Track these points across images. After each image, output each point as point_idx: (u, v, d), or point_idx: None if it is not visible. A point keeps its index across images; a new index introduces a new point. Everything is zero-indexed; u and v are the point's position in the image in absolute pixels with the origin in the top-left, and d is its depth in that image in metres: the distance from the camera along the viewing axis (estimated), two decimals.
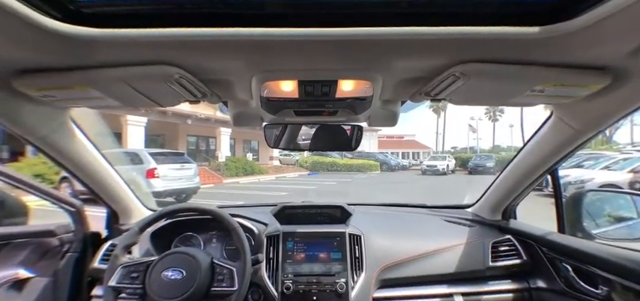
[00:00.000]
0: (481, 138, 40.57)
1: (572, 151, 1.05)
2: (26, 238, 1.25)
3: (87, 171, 1.18)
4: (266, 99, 0.83)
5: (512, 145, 37.46)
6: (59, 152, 1.05)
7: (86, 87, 0.71)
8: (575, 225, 1.27)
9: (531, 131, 1.17)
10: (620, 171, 8.36)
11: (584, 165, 9.46)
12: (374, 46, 0.61)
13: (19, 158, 9.63)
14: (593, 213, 1.34)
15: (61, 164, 1.11)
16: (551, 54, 0.62)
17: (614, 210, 1.42)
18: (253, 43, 0.59)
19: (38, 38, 0.56)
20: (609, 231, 1.31)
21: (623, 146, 19.14)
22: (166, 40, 0.59)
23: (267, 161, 20.41)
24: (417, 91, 0.82)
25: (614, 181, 7.88)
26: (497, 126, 41.44)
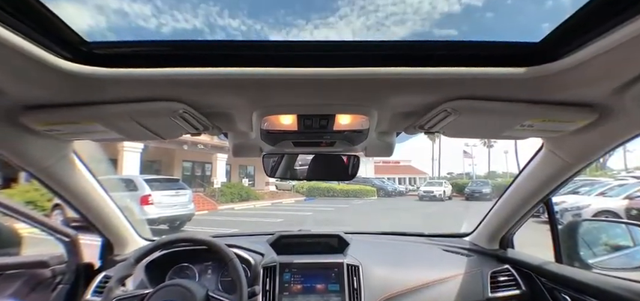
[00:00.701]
0: (476, 164, 40.84)
1: (564, 182, 1.07)
2: (18, 269, 1.22)
3: (85, 201, 1.17)
4: (266, 132, 0.85)
5: (508, 171, 37.70)
6: (59, 183, 1.05)
7: (92, 122, 0.73)
8: (572, 254, 1.27)
9: (526, 157, 1.20)
10: (616, 197, 8.36)
11: (580, 191, 9.50)
12: (369, 84, 0.64)
13: (12, 184, 9.48)
14: (589, 241, 1.35)
15: (59, 194, 1.10)
16: (538, 92, 0.65)
17: (611, 239, 1.43)
18: (255, 81, 0.63)
19: (50, 77, 0.59)
20: (606, 260, 1.31)
21: (617, 172, 19.39)
22: (173, 78, 0.62)
23: (263, 186, 20.23)
24: (411, 124, 0.85)
25: (610, 208, 7.88)
26: (492, 152, 41.86)
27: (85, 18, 3.29)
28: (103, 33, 7.46)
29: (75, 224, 1.46)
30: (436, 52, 0.62)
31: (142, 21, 8.43)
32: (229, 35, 12.28)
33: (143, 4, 8.19)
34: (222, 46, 0.63)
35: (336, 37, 5.25)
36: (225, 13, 12.01)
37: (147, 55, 0.62)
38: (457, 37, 3.67)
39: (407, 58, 0.61)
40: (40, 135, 0.81)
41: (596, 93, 0.65)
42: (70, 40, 0.58)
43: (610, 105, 0.68)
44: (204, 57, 0.62)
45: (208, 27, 11.84)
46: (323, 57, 0.61)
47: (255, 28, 12.59)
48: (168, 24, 10.60)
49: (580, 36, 0.53)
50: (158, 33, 9.60)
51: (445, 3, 14.14)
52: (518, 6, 16.42)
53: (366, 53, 0.63)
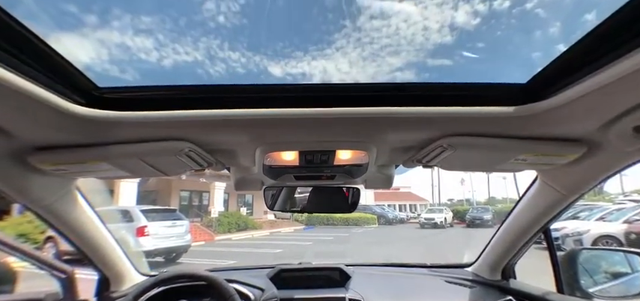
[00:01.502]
0: (476, 190, 40.65)
1: (560, 212, 1.09)
2: None
3: (84, 236, 1.17)
4: (268, 167, 0.88)
5: (508, 197, 37.45)
6: (59, 219, 1.05)
7: (99, 162, 0.75)
8: (573, 283, 1.26)
9: (524, 181, 1.22)
10: (615, 221, 8.35)
11: (580, 216, 9.46)
12: (368, 123, 0.68)
13: (4, 216, 9.29)
14: (589, 269, 1.35)
15: (58, 229, 1.10)
16: (528, 129, 0.69)
17: (610, 267, 1.43)
18: (259, 121, 0.66)
19: (62, 121, 0.61)
20: (606, 289, 1.30)
21: (615, 196, 19.34)
22: (180, 120, 0.66)
23: (261, 215, 19.93)
24: (409, 158, 0.89)
25: (610, 232, 7.84)
26: (491, 177, 41.80)
27: (87, 51, 3.38)
28: (105, 66, 7.62)
29: (68, 257, 1.44)
30: (430, 92, 0.67)
31: (143, 54, 8.67)
32: (229, 67, 12.72)
33: (145, 37, 8.48)
34: (227, 89, 0.67)
35: (333, 68, 5.38)
36: (226, 45, 12.55)
37: (155, 99, 0.66)
38: (450, 66, 3.78)
39: (403, 98, 0.66)
40: (45, 173, 0.82)
41: (583, 130, 0.69)
42: (83, 87, 0.62)
43: (597, 140, 0.72)
44: (210, 99, 0.65)
45: (209, 59, 12.32)
46: (324, 97, 0.66)
47: (254, 60, 13.14)
48: (169, 57, 10.99)
49: (565, 78, 0.57)
50: (160, 66, 9.88)
51: (438, 35, 14.92)
52: (508, 37, 17.13)
53: (364, 94, 0.67)
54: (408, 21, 3.75)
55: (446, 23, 3.84)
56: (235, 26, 4.01)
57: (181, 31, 3.91)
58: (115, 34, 3.97)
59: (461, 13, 3.52)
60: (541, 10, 4.27)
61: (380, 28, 4.06)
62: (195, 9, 3.89)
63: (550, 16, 4.40)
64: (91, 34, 2.89)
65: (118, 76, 3.49)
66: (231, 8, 3.76)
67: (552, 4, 3.91)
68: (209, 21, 4.12)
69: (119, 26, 4.51)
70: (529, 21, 9.77)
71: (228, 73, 4.36)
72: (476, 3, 3.43)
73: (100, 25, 2.92)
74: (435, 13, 3.57)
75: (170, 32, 3.63)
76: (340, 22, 3.69)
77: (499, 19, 4.07)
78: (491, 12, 3.70)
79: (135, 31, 3.80)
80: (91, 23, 3.04)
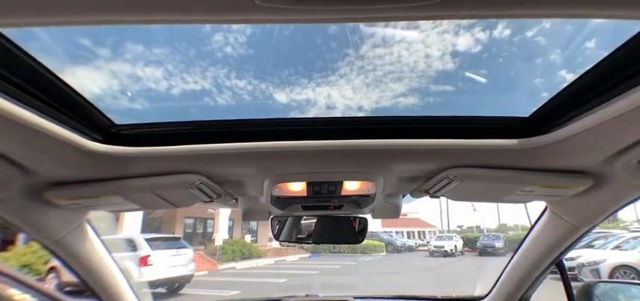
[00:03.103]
0: (486, 217, 39.60)
1: (572, 244, 1.05)
2: None
3: (92, 270, 1.16)
4: (276, 197, 0.89)
5: (519, 224, 36.34)
6: (70, 252, 1.05)
7: (112, 196, 0.77)
8: None
9: (534, 209, 1.18)
10: (632, 250, 7.99)
11: (595, 245, 9.08)
12: (374, 154, 0.70)
13: (9, 247, 9.30)
14: None
15: (67, 263, 1.10)
16: (533, 161, 0.70)
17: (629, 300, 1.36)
18: (268, 153, 0.68)
19: (80, 158, 0.64)
20: None
21: (629, 223, 18.60)
22: (192, 154, 0.68)
23: (266, 242, 19.57)
24: (416, 188, 0.89)
25: (628, 262, 7.48)
26: (501, 204, 40.77)
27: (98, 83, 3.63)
28: (116, 95, 7.95)
29: (69, 289, 1.42)
30: (435, 125, 0.69)
31: (153, 83, 9.06)
32: (235, 95, 13.04)
33: (155, 68, 8.87)
34: (238, 123, 0.70)
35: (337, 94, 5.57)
36: (232, 74, 12.91)
37: (169, 134, 0.69)
38: (453, 92, 3.92)
39: (409, 131, 0.67)
40: (59, 207, 0.83)
41: (587, 162, 0.69)
42: (100, 124, 0.65)
43: (603, 173, 0.71)
44: (221, 134, 0.68)
45: (216, 87, 12.65)
46: (331, 130, 0.68)
47: (260, 87, 13.48)
48: (178, 86, 11.33)
49: (567, 112, 0.58)
50: (168, 94, 10.22)
51: (440, 62, 15.16)
52: (511, 63, 17.43)
53: (371, 127, 0.69)
54: (409, 49, 3.88)
55: (447, 51, 3.94)
56: (242, 56, 4.20)
57: (190, 62, 4.08)
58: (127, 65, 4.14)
59: (462, 40, 3.62)
60: (541, 38, 4.41)
61: (382, 56, 4.19)
62: (204, 40, 4.07)
63: (550, 44, 4.56)
64: (104, 66, 3.03)
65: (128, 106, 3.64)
66: (238, 39, 3.97)
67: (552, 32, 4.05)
68: (217, 51, 4.31)
69: (131, 58, 4.73)
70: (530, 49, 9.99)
71: (234, 101, 4.48)
72: (476, 32, 3.55)
73: (113, 57, 3.08)
74: (436, 41, 3.67)
75: (180, 63, 3.80)
76: (343, 51, 3.82)
77: (500, 46, 4.17)
78: (491, 40, 3.81)
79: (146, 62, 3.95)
80: (104, 56, 3.19)
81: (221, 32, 4.18)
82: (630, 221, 19.57)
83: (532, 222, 1.21)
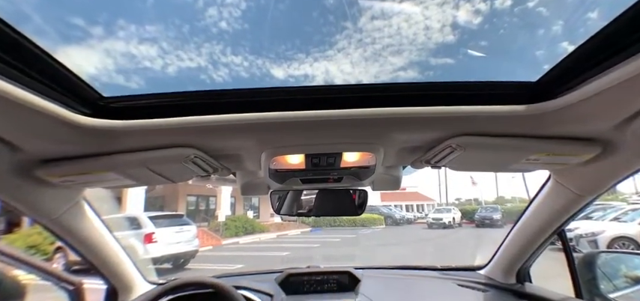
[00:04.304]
0: (484, 190, 40.09)
1: (575, 213, 1.05)
2: None
3: (92, 248, 1.16)
4: (274, 171, 0.87)
5: (516, 196, 36.88)
6: (68, 231, 1.04)
7: (106, 172, 0.75)
8: (592, 288, 1.22)
9: (533, 181, 1.18)
10: (631, 222, 8.05)
11: (593, 216, 9.21)
12: (375, 124, 0.66)
13: (15, 229, 9.49)
14: (609, 274, 1.30)
15: (67, 242, 1.10)
16: (539, 128, 0.66)
17: (631, 271, 1.37)
18: (265, 125, 0.65)
19: (68, 132, 0.61)
20: (629, 294, 1.25)
21: (629, 195, 18.81)
22: (185, 127, 0.64)
23: (268, 218, 19.96)
24: (417, 159, 0.86)
25: (626, 234, 7.58)
26: (500, 176, 41.23)
27: (93, 61, 3.44)
28: (111, 75, 7.72)
29: (77, 267, 1.44)
30: (438, 91, 0.65)
31: (148, 62, 8.77)
32: (232, 71, 12.76)
33: (149, 46, 8.57)
34: (232, 94, 0.66)
35: (335, 69, 5.38)
36: (228, 50, 12.60)
37: (160, 106, 0.65)
38: (454, 65, 3.75)
39: (411, 98, 0.63)
40: (53, 185, 0.82)
41: (596, 129, 0.66)
42: (88, 97, 0.61)
43: (612, 140, 0.69)
44: (215, 105, 0.64)
45: (212, 64, 12.40)
46: (329, 99, 0.64)
47: (256, 63, 13.20)
48: (173, 63, 11.11)
49: (576, 76, 0.55)
50: (163, 73, 9.98)
51: (440, 34, 14.70)
52: (513, 35, 16.74)
53: (371, 94, 0.65)
54: (409, 21, 3.73)
55: (447, 23, 3.77)
56: (237, 31, 4.06)
57: (185, 38, 3.95)
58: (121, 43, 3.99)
59: (462, 12, 3.45)
60: (543, 8, 4.10)
61: (381, 29, 4.03)
62: (198, 16, 3.92)
63: (553, 15, 4.22)
64: (97, 44, 2.88)
65: (123, 85, 3.52)
66: (232, 13, 3.82)
67: (554, 1, 3.74)
68: (212, 27, 4.17)
69: (124, 36, 4.54)
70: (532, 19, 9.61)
71: (231, 77, 4.39)
72: (477, 2, 3.35)
73: (106, 35, 2.93)
74: (436, 13, 3.50)
75: (174, 40, 3.67)
76: (341, 24, 3.67)
77: (501, 17, 3.95)
78: (492, 11, 3.62)
79: (139, 40, 3.82)
80: (98, 34, 3.03)
81: (215, 6, 4.02)
82: (629, 193, 19.81)
83: (530, 194, 1.20)
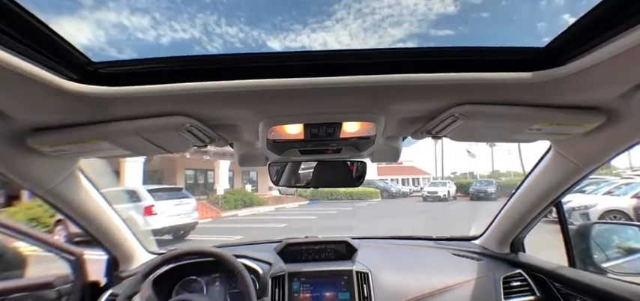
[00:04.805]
0: (479, 164, 40.58)
1: (573, 184, 1.05)
2: (24, 292, 1.19)
3: (90, 218, 1.16)
4: (272, 141, 0.84)
5: (511, 170, 37.44)
6: (64, 201, 1.04)
7: (99, 141, 0.72)
8: (585, 258, 1.24)
9: (529, 155, 1.18)
10: (624, 196, 8.20)
11: (586, 190, 9.39)
12: (376, 92, 0.64)
13: (15, 202, 9.55)
14: (602, 244, 1.32)
15: (65, 213, 1.09)
16: (545, 96, 0.65)
17: (624, 242, 1.40)
18: (262, 92, 0.62)
19: (58, 99, 0.58)
20: (621, 264, 1.28)
21: (622, 170, 19.16)
22: (179, 93, 0.61)
23: (266, 191, 20.22)
24: (418, 129, 0.84)
25: (618, 207, 7.75)
26: (495, 150, 41.61)
27: (85, 33, 3.29)
28: (103, 47, 7.56)
29: (78, 239, 1.45)
30: (442, 58, 0.62)
31: (140, 33, 8.52)
32: (227, 43, 12.43)
33: (141, 16, 8.27)
34: (227, 59, 0.63)
35: (333, 40, 5.21)
36: (223, 21, 12.12)
37: (152, 72, 0.62)
38: (454, 37, 3.61)
39: (413, 65, 0.61)
40: (47, 155, 0.80)
41: (602, 98, 0.65)
42: (76, 62, 0.58)
43: (617, 109, 0.68)
44: (209, 71, 0.61)
45: (206, 36, 12.00)
46: (329, 66, 0.61)
47: (252, 35, 12.76)
48: (166, 35, 10.72)
49: (585, 42, 0.53)
50: (157, 44, 9.70)
51: (441, 5, 14.14)
52: (514, 6, 16.18)
53: (372, 61, 0.62)
54: None
55: None
56: (232, 1, 3.81)
57: (177, 8, 3.74)
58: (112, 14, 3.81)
59: None
60: None
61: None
62: None
63: None
64: (89, 15, 2.73)
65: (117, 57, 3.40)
66: None
67: None
68: None
69: (115, 6, 4.30)
70: None
71: (225, 49, 4.25)
72: None
73: (97, 5, 2.74)
74: None
75: (166, 10, 3.46)
76: None
77: None
78: None
79: (131, 10, 3.60)
80: (88, 4, 2.84)
81: None
82: (623, 168, 20.17)
83: (525, 168, 1.20)
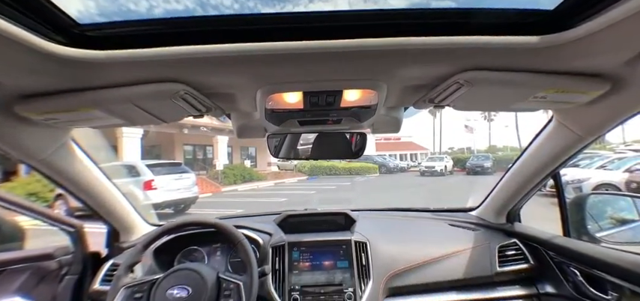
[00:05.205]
0: (477, 139, 40.75)
1: (573, 155, 1.05)
2: (24, 263, 1.21)
3: (87, 189, 1.16)
4: (270, 111, 0.82)
5: (508, 145, 37.68)
6: (59, 172, 1.03)
7: (90, 109, 0.70)
8: (580, 228, 1.27)
9: (525, 131, 1.18)
10: (616, 170, 8.33)
11: (580, 164, 9.51)
12: (379, 56, 0.61)
13: (12, 177, 9.51)
14: (595, 215, 1.35)
15: (60, 184, 1.09)
16: (551, 62, 0.63)
17: (616, 213, 1.43)
18: (258, 57, 0.59)
19: (42, 63, 0.55)
20: (613, 234, 1.31)
21: (616, 145, 19.32)
22: (171, 58, 0.59)
23: (265, 167, 20.34)
24: (421, 98, 0.82)
25: (610, 181, 7.88)
26: (493, 125, 41.65)
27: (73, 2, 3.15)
28: (93, 18, 7.19)
29: (79, 213, 1.46)
30: (448, 19, 0.60)
31: (132, 4, 8.00)
32: (221, 12, 11.77)
33: None
34: (221, 21, 0.60)
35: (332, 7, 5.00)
36: None
37: (142, 35, 0.59)
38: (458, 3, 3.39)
39: (418, 27, 0.58)
40: (37, 124, 0.78)
41: (608, 64, 0.64)
42: (61, 24, 0.55)
43: (622, 76, 0.67)
44: (203, 34, 0.58)
45: (200, 6, 11.42)
46: (330, 28, 0.58)
47: (247, 5, 12.12)
48: (159, 6, 10.15)
49: (594, 4, 0.52)
50: (150, 14, 9.21)
51: None
52: None
53: (375, 23, 0.59)
54: None
55: None
56: None
57: None
58: None
59: None
60: None
61: None
62: None
63: None
64: None
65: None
66: None
67: None
68: None
69: None
70: None
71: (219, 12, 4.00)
72: None
73: None
74: None
75: None
76: None
77: None
78: None
79: None
80: None
81: None
82: (617, 143, 20.33)
83: (521, 143, 1.19)
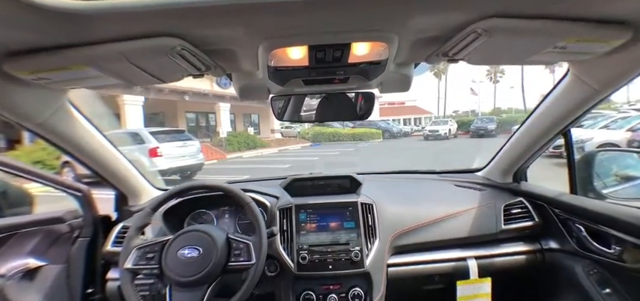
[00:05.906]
0: (482, 101, 40.04)
1: (587, 110, 1.03)
2: (34, 227, 1.23)
3: (90, 154, 1.16)
4: (273, 69, 0.79)
5: (513, 107, 37.06)
6: (60, 136, 1.02)
7: (83, 67, 0.68)
8: (586, 185, 1.27)
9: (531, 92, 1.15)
10: (619, 130, 8.30)
11: (583, 124, 9.40)
12: (391, 3, 0.56)
13: (16, 146, 9.57)
14: (601, 173, 1.34)
15: (62, 148, 1.08)
16: (574, 7, 0.59)
17: (622, 170, 1.42)
18: (260, 5, 0.55)
19: (27, 16, 0.52)
20: (619, 191, 1.31)
21: (620, 105, 18.90)
22: (166, 8, 0.55)
23: (268, 134, 20.34)
24: (434, 52, 0.78)
25: (613, 140, 7.85)
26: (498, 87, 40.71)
27: None
28: None
29: (87, 180, 1.48)
30: None
31: None
32: None
33: None
34: None
35: None
36: None
37: None
38: None
39: None
40: (30, 85, 0.76)
41: (632, 8, 0.60)
42: None
43: None
44: None
45: None
46: None
47: None
48: None
49: None
50: None
51: None
52: None
53: None
54: None
55: None
56: None
57: None
58: None
59: None
60: None
61: None
62: None
63: None
64: None
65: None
66: None
67: None
68: None
69: None
70: None
71: None
72: None
73: None
74: None
75: None
76: None
77: None
78: None
79: None
80: None
81: None
82: (621, 103, 19.89)
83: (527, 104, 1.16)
